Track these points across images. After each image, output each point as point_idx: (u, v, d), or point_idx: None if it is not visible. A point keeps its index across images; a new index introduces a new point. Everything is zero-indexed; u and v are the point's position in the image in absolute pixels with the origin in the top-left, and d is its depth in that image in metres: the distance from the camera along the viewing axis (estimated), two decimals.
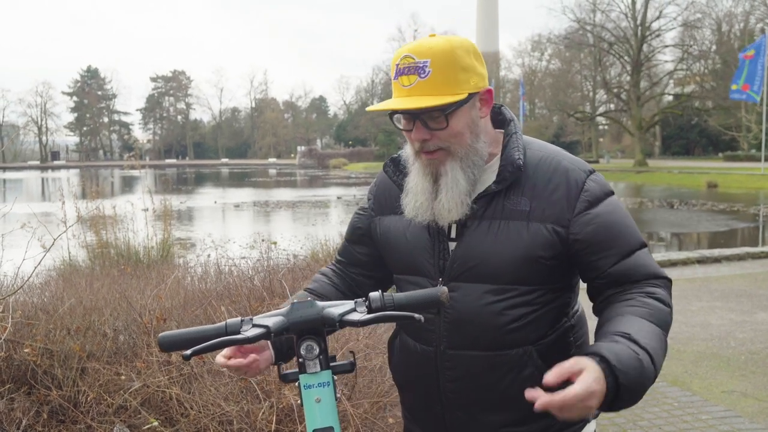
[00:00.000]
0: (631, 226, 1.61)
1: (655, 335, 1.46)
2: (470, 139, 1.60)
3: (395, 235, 1.73)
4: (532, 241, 1.56)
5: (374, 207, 1.82)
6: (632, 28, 56.06)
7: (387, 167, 1.76)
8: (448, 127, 1.56)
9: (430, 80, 1.52)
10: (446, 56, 1.53)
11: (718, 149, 65.01)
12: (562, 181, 1.59)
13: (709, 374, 5.15)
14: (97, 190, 9.87)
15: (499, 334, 1.59)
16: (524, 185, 1.60)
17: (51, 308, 3.97)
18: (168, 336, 1.38)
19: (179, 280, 4.34)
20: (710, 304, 7.41)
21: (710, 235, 16.38)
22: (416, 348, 1.70)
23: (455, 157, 1.59)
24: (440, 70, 1.52)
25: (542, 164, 1.62)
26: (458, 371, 1.63)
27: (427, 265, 1.66)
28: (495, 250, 1.58)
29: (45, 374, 3.50)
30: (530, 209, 1.58)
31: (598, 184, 1.62)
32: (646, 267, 1.59)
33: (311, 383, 1.34)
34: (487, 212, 1.60)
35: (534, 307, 1.60)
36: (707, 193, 30.38)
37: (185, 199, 27.69)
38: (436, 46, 1.53)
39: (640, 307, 1.52)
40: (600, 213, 1.58)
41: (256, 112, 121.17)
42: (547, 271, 1.59)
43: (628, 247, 1.58)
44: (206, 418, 3.04)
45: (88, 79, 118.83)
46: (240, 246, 10.75)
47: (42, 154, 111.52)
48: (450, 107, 1.54)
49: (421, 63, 1.52)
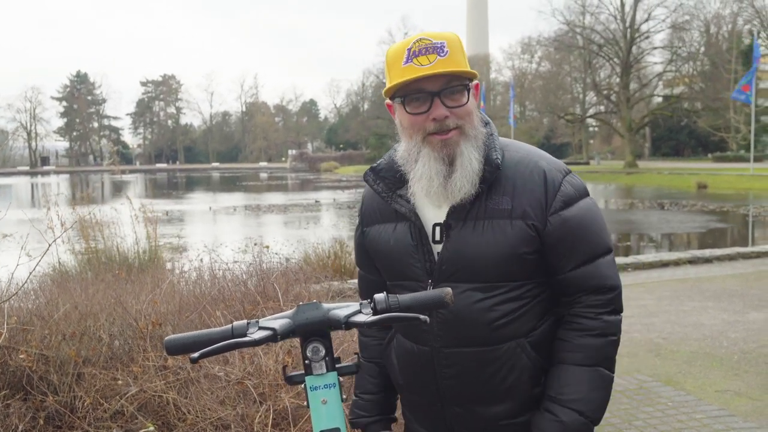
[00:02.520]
0: (600, 232, 1.67)
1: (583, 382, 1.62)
2: (477, 121, 1.67)
3: (381, 243, 1.78)
4: (515, 238, 1.61)
5: (363, 221, 1.87)
6: (621, 30, 56.35)
7: (367, 176, 1.79)
8: (467, 104, 1.63)
9: (449, 58, 1.59)
10: (456, 41, 1.63)
11: (707, 150, 65.40)
12: (540, 180, 1.64)
13: (702, 374, 5.18)
14: (86, 196, 9.83)
15: (491, 330, 1.64)
16: (504, 185, 1.65)
17: (46, 314, 3.95)
18: (174, 339, 1.39)
19: (174, 284, 4.34)
20: (702, 304, 7.45)
21: (701, 236, 16.47)
22: (413, 348, 1.74)
23: (468, 137, 1.64)
24: (456, 51, 1.61)
25: (521, 164, 1.67)
26: (455, 368, 1.67)
27: (414, 269, 1.70)
28: (482, 249, 1.62)
29: (41, 380, 3.49)
30: (512, 207, 1.63)
31: (573, 186, 1.67)
32: (599, 278, 1.66)
33: (317, 385, 1.35)
34: (470, 213, 1.65)
35: (523, 302, 1.66)
36: (697, 193, 30.56)
37: (176, 203, 27.63)
38: (445, 34, 1.63)
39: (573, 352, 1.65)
40: (572, 215, 1.64)
41: (246, 116, 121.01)
42: (532, 266, 1.65)
43: (592, 253, 1.66)
44: (203, 422, 3.04)
45: (77, 84, 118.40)
46: (232, 250, 10.74)
47: (31, 159, 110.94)
48: (472, 81, 1.64)
49: (439, 43, 1.59)
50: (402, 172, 1.72)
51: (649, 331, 6.39)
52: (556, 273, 1.67)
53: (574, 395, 1.61)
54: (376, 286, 1.87)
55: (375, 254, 1.82)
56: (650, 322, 6.72)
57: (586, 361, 1.63)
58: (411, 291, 1.68)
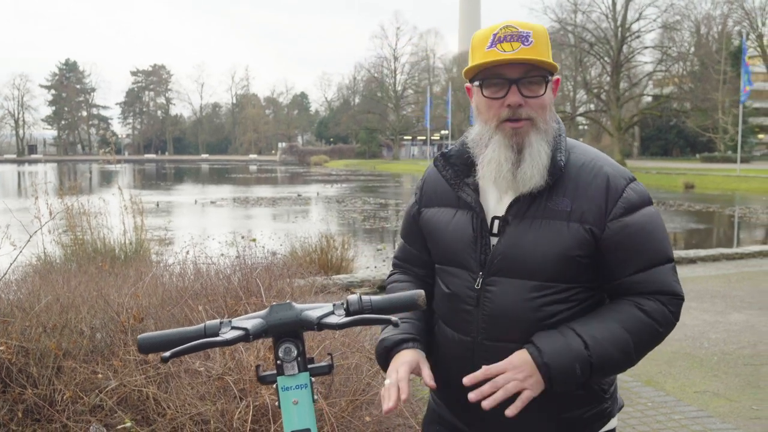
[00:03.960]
0: (662, 241, 1.67)
1: (609, 331, 1.59)
2: (549, 116, 1.68)
3: (439, 226, 1.79)
4: (571, 241, 1.62)
5: (421, 200, 1.88)
6: (612, 29, 56.49)
7: (437, 161, 1.80)
8: (544, 95, 1.64)
9: (533, 48, 1.60)
10: (543, 34, 1.64)
11: (695, 150, 65.81)
12: (602, 185, 1.65)
13: (682, 374, 5.23)
14: (73, 185, 9.76)
15: (535, 329, 1.64)
16: (566, 186, 1.65)
17: (27, 305, 3.93)
18: (147, 338, 1.39)
19: (157, 278, 4.33)
20: (685, 305, 7.42)
21: (686, 236, 16.58)
22: (454, 337, 1.74)
23: (539, 129, 1.65)
24: (541, 43, 1.62)
25: (585, 168, 1.68)
26: (493, 361, 1.66)
27: (468, 259, 1.70)
28: (535, 247, 1.63)
29: (20, 372, 3.47)
30: (571, 210, 1.63)
31: (637, 193, 1.67)
32: (659, 283, 1.64)
33: (289, 385, 1.36)
34: (529, 211, 1.66)
35: (570, 305, 1.66)
36: (684, 193, 30.75)
37: (164, 194, 27.51)
38: (533, 25, 1.64)
39: (614, 311, 1.64)
40: (634, 222, 1.64)
41: (237, 108, 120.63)
42: (583, 270, 1.65)
43: (650, 261, 1.64)
44: (183, 417, 3.03)
45: (66, 72, 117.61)
46: (219, 243, 10.72)
47: (19, 147, 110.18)
48: (553, 73, 1.65)
49: (525, 33, 1.61)
50: (472, 158, 1.73)
51: None
52: (614, 278, 1.67)
53: (593, 333, 1.59)
54: (419, 261, 1.91)
55: (429, 235, 1.83)
56: None
57: (623, 323, 1.61)
58: (458, 279, 1.72)
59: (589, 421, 1.73)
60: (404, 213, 1.97)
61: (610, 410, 1.77)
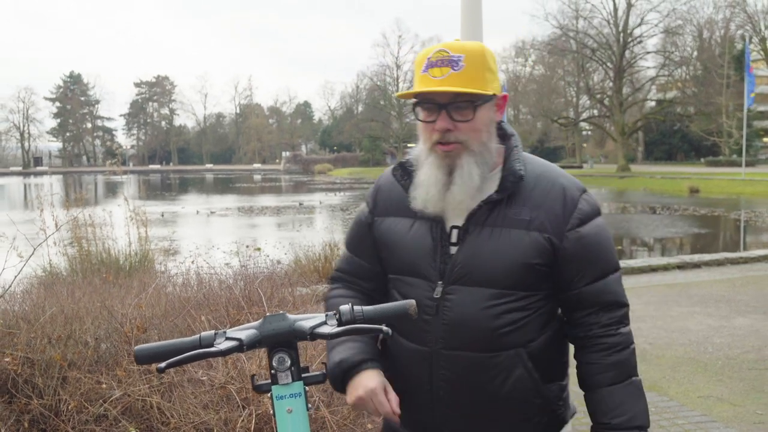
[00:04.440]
0: (611, 250, 1.75)
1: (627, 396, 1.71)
2: (486, 137, 1.70)
3: (396, 236, 1.79)
4: (530, 249, 1.66)
5: (375, 209, 1.87)
6: (614, 35, 56.53)
7: (396, 171, 1.82)
8: (473, 120, 1.66)
9: (462, 74, 1.62)
10: (478, 55, 1.66)
11: (700, 154, 65.66)
12: (559, 196, 1.70)
13: (686, 379, 5.22)
14: (79, 197, 9.82)
15: (494, 337, 1.67)
16: (525, 196, 1.69)
17: (32, 317, 3.96)
18: (144, 349, 1.42)
19: (160, 288, 4.36)
20: (689, 310, 7.50)
21: (691, 240, 16.55)
22: (410, 347, 1.75)
23: (471, 152, 1.68)
24: (473, 66, 1.64)
25: (541, 179, 1.72)
26: (452, 371, 1.69)
27: (428, 268, 1.72)
28: (496, 255, 1.66)
29: (26, 383, 3.50)
30: (530, 219, 1.67)
31: (589, 204, 1.73)
32: (612, 294, 1.74)
33: (283, 394, 1.38)
34: (489, 219, 1.69)
35: (527, 312, 1.70)
36: (689, 198, 30.69)
37: (169, 205, 27.59)
38: (469, 45, 1.66)
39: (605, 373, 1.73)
40: (587, 232, 1.70)
41: (240, 118, 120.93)
42: (541, 278, 1.70)
43: (604, 270, 1.72)
44: (186, 426, 3.06)
45: (71, 85, 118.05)
46: (224, 252, 10.75)
47: (24, 159, 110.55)
48: (481, 99, 1.65)
49: (456, 57, 1.63)
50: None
51: (636, 336, 6.29)
52: (570, 288, 1.72)
53: (626, 414, 1.68)
54: (369, 273, 1.88)
55: (384, 246, 1.82)
56: (637, 327, 6.71)
57: (621, 377, 1.71)
58: (416, 288, 1.72)
59: (543, 427, 1.78)
60: (352, 223, 1.95)
61: (563, 416, 1.82)
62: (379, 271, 1.86)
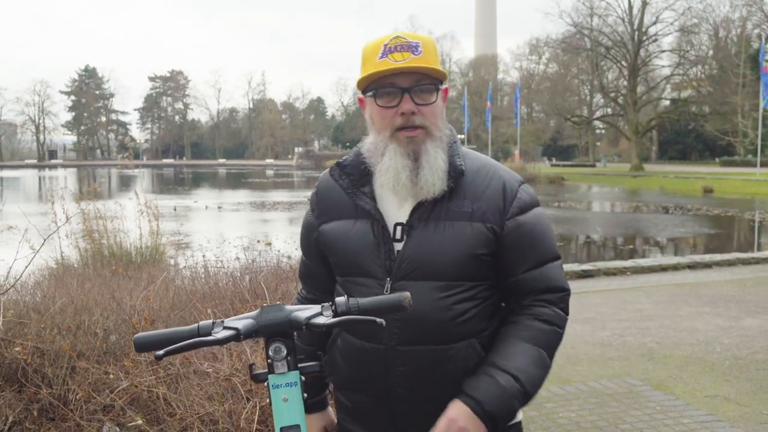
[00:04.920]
0: (549, 239, 1.79)
1: (526, 355, 1.68)
2: (442, 124, 1.76)
3: (338, 239, 1.80)
4: (474, 240, 1.69)
5: (319, 215, 1.88)
6: (629, 33, 56.19)
7: (333, 171, 1.84)
8: (435, 103, 1.71)
9: (423, 57, 1.68)
10: (432, 44, 1.72)
11: (714, 154, 65.11)
12: (498, 187, 1.74)
13: (693, 379, 5.21)
14: (92, 190, 9.91)
15: (447, 328, 1.69)
16: (465, 189, 1.73)
17: (42, 308, 4.02)
18: (143, 337, 1.45)
19: (167, 281, 4.40)
20: (698, 310, 7.48)
21: (703, 240, 16.46)
22: (363, 346, 1.75)
23: (434, 137, 1.72)
24: (429, 52, 1.70)
25: (481, 171, 1.77)
26: (408, 367, 1.71)
27: (373, 266, 1.73)
28: (442, 249, 1.69)
29: (35, 372, 3.55)
30: (472, 211, 1.71)
31: (528, 194, 1.78)
32: (550, 280, 1.76)
33: (279, 383, 1.41)
34: (432, 214, 1.72)
35: (476, 302, 1.73)
36: (703, 198, 30.50)
37: (181, 199, 27.73)
38: (421, 36, 1.72)
39: (519, 330, 1.73)
40: (526, 221, 1.74)
41: (253, 113, 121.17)
42: (486, 268, 1.74)
43: (543, 256, 1.76)
44: (191, 417, 3.09)
45: (86, 78, 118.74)
46: (234, 247, 10.81)
47: (39, 152, 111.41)
48: (442, 82, 1.72)
49: (414, 43, 1.68)
50: (368, 168, 1.77)
51: (644, 336, 6.42)
52: (509, 276, 1.76)
53: (517, 364, 1.66)
54: (320, 277, 1.92)
55: (329, 250, 1.83)
56: (645, 327, 6.76)
57: (533, 341, 1.70)
58: (366, 287, 1.73)
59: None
60: (302, 227, 1.96)
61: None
62: (329, 273, 1.89)
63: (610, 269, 9.90)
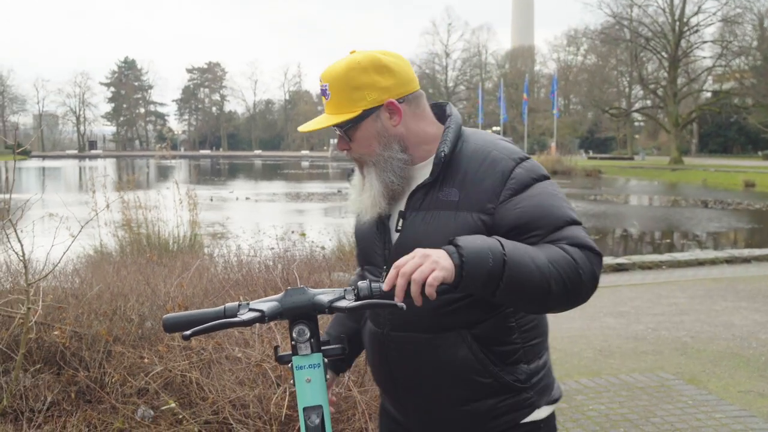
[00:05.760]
0: (559, 207, 1.64)
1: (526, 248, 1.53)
2: (380, 148, 1.72)
3: (358, 228, 1.91)
4: (459, 230, 1.61)
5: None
6: (670, 24, 55.18)
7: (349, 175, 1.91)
8: (356, 140, 1.73)
9: (331, 102, 1.72)
10: (339, 79, 1.69)
11: (757, 148, 63.67)
12: (490, 170, 1.66)
13: (727, 374, 5.14)
14: (131, 179, 10.09)
15: (435, 317, 1.69)
16: (455, 177, 1.68)
17: (80, 293, 4.13)
18: (171, 318, 1.50)
19: (201, 269, 4.48)
20: (735, 304, 7.36)
21: (743, 235, 16.15)
22: (372, 330, 1.84)
23: (369, 164, 1.74)
24: (336, 92, 1.70)
25: (475, 155, 1.70)
26: (400, 352, 1.76)
27: (375, 256, 1.81)
28: (428, 239, 1.64)
29: (73, 356, 3.66)
30: (459, 199, 1.66)
31: (527, 170, 1.66)
32: (573, 237, 1.60)
33: (302, 364, 1.44)
34: (423, 204, 1.71)
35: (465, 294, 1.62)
36: (744, 192, 29.89)
37: (218, 190, 28.04)
38: (334, 70, 1.71)
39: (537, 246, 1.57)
40: (524, 197, 1.62)
41: (289, 105, 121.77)
42: None
43: (555, 224, 1.61)
44: (222, 401, 3.16)
45: (125, 70, 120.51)
46: (269, 237, 10.93)
47: (80, 143, 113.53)
48: (345, 125, 1.71)
49: (324, 87, 1.73)
50: None
51: (678, 330, 6.35)
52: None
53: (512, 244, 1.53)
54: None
55: (355, 241, 1.97)
56: (680, 321, 6.68)
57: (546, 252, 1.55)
58: (372, 275, 1.81)
59: (504, 410, 1.72)
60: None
61: (531, 401, 1.75)
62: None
63: (646, 263, 9.79)
